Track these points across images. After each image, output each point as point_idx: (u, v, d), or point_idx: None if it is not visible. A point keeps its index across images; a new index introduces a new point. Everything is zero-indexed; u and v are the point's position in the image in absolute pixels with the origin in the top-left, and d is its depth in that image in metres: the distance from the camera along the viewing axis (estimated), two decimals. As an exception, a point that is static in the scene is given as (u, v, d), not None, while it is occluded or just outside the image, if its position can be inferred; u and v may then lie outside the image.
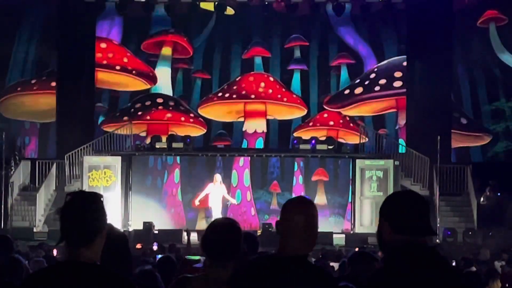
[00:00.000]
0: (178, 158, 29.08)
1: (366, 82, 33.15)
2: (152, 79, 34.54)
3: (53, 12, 31.82)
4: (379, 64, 33.39)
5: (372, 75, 33.22)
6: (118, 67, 33.78)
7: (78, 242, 3.83)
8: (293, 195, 27.64)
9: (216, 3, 29.17)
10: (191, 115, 33.93)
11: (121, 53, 34.37)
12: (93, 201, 3.90)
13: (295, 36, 34.44)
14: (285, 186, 28.86)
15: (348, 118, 33.20)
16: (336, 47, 34.37)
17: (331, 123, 33.24)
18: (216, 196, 25.37)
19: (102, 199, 3.94)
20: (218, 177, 25.96)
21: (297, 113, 33.85)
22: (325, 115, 33.47)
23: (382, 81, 32.78)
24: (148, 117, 33.30)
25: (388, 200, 4.12)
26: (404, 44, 31.90)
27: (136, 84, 34.46)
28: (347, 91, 33.43)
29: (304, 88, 34.23)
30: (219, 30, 34.64)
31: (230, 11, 30.07)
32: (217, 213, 25.11)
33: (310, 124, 33.27)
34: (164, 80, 34.78)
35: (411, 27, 30.53)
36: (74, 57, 29.80)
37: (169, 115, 33.62)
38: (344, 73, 34.33)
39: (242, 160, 29.06)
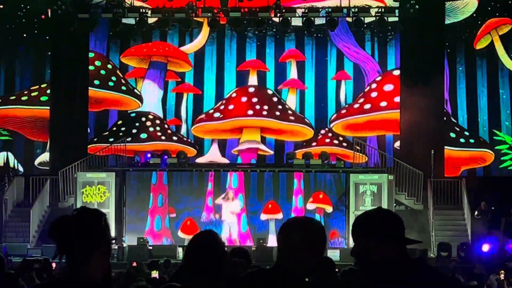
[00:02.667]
0: (165, 179, 28.66)
1: (369, 100, 33.00)
2: (141, 98, 34.38)
3: (46, 26, 31.90)
4: (379, 78, 33.29)
5: (374, 94, 33.03)
6: (111, 84, 33.73)
7: (74, 259, 3.82)
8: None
9: (210, 18, 29.11)
10: (183, 138, 33.75)
11: (112, 69, 34.30)
12: (94, 218, 3.88)
13: (290, 50, 34.33)
14: (283, 209, 27.93)
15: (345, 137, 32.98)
16: (335, 59, 34.22)
17: (327, 140, 33.05)
18: (231, 212, 26.06)
19: (105, 216, 3.92)
20: (230, 194, 26.30)
21: (300, 134, 33.46)
22: (329, 136, 33.31)
23: (385, 99, 32.68)
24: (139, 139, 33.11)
25: (369, 218, 4.12)
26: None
27: (129, 103, 34.25)
28: (353, 110, 33.27)
29: (300, 105, 34.00)
30: (211, 41, 34.53)
31: (223, 19, 29.91)
32: (234, 229, 25.88)
33: (313, 144, 32.93)
34: (153, 96, 34.44)
35: (405, 42, 30.62)
36: (67, 72, 29.76)
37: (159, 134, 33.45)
38: (344, 89, 34.11)
39: (236, 181, 28.43)
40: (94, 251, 3.83)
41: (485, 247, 24.41)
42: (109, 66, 34.28)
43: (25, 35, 33.61)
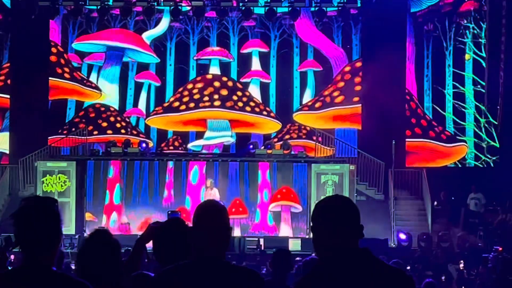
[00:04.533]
0: (124, 171, 28.02)
1: (335, 93, 32.91)
2: (98, 88, 33.97)
3: (5, 15, 31.57)
4: (344, 69, 33.24)
5: (341, 83, 32.95)
6: (67, 75, 33.35)
7: (33, 248, 3.80)
8: (259, 216, 27.49)
9: (172, 7, 28.97)
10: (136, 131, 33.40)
11: (68, 58, 33.86)
12: (47, 207, 3.87)
13: (252, 40, 34.18)
14: (248, 206, 27.58)
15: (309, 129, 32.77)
16: (299, 50, 34.09)
17: (294, 134, 32.87)
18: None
19: (56, 204, 3.91)
20: (208, 182, 26.37)
21: (267, 127, 33.17)
22: (295, 128, 33.15)
23: (347, 90, 32.62)
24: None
25: (325, 206, 4.12)
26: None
27: (86, 94, 33.83)
28: (317, 104, 33.12)
29: (264, 96, 33.80)
30: (172, 29, 34.23)
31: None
32: None
33: (278, 136, 32.70)
34: (111, 86, 33.99)
35: (366, 32, 30.76)
36: (28, 60, 29.41)
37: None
38: (309, 80, 33.97)
39: (196, 174, 28.21)
40: (52, 240, 3.82)
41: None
42: (65, 55, 33.89)
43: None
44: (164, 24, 33.98)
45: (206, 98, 32.70)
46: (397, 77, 29.37)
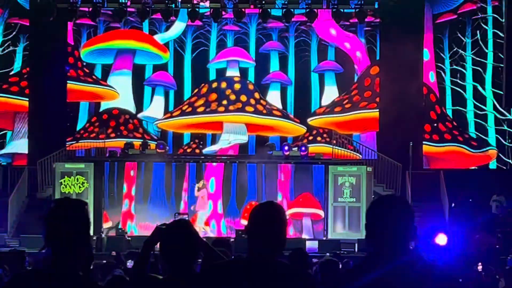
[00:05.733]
0: (142, 173, 28.26)
1: (354, 98, 32.79)
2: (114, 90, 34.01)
3: (23, 16, 31.75)
4: (369, 71, 33.09)
5: (364, 85, 32.78)
6: (83, 78, 33.40)
7: (61, 250, 3.81)
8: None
9: (189, 9, 28.96)
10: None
11: (80, 60, 33.88)
12: (78, 209, 3.88)
13: (271, 42, 34.09)
14: None
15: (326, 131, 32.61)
16: (316, 51, 33.96)
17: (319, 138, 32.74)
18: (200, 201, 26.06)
19: (86, 206, 3.93)
20: (200, 183, 26.79)
21: (291, 131, 32.95)
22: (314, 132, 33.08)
23: (368, 94, 32.53)
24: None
25: (376, 206, 4.13)
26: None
27: (107, 97, 33.85)
28: (337, 108, 33.01)
29: (283, 98, 33.66)
30: (191, 32, 34.22)
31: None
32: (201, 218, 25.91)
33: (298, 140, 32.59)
34: (124, 88, 33.92)
35: (383, 33, 30.67)
36: (45, 63, 29.52)
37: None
38: (328, 81, 33.81)
39: (213, 184, 28.21)
40: (82, 241, 3.84)
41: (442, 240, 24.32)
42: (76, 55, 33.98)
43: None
44: (179, 27, 33.96)
45: (224, 102, 32.65)
46: (415, 77, 29.25)
